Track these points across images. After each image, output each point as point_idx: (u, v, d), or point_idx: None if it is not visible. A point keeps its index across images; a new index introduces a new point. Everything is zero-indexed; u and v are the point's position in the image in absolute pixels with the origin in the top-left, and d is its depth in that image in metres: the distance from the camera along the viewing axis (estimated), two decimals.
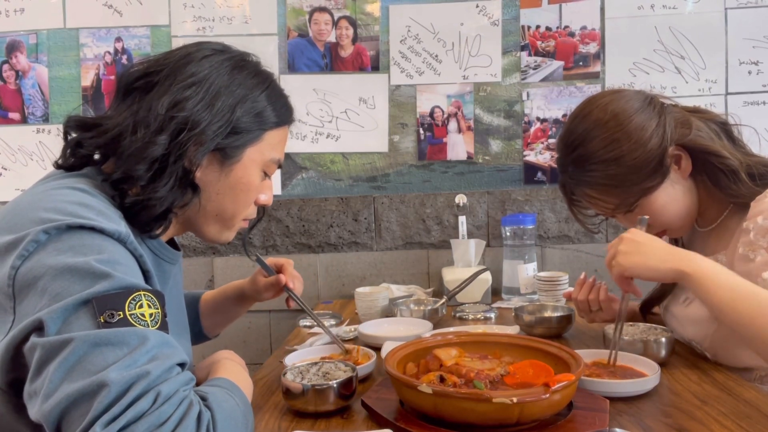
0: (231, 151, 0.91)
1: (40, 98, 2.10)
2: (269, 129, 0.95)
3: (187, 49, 0.92)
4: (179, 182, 0.86)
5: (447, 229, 2.05)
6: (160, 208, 0.85)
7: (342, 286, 2.04)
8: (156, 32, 2.07)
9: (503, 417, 0.80)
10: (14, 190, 2.10)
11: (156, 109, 0.84)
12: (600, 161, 1.11)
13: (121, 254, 0.75)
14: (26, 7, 2.09)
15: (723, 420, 0.87)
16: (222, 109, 0.88)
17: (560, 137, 1.20)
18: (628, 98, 1.14)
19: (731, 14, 1.98)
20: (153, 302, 0.73)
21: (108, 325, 0.68)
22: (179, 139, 0.84)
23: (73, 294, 0.68)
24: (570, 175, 1.17)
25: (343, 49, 2.06)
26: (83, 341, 0.66)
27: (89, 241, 0.73)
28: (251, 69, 0.95)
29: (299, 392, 0.93)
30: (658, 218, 1.14)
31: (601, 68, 2.02)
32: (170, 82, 0.87)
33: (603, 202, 1.15)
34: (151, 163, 0.84)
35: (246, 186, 0.95)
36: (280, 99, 0.98)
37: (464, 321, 1.58)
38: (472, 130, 2.05)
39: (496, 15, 2.03)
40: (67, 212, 0.74)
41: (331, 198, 2.07)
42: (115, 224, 0.77)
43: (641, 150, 1.09)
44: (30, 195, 0.82)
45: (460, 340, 1.06)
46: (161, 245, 0.95)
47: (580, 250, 2.04)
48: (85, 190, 0.81)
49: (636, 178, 1.10)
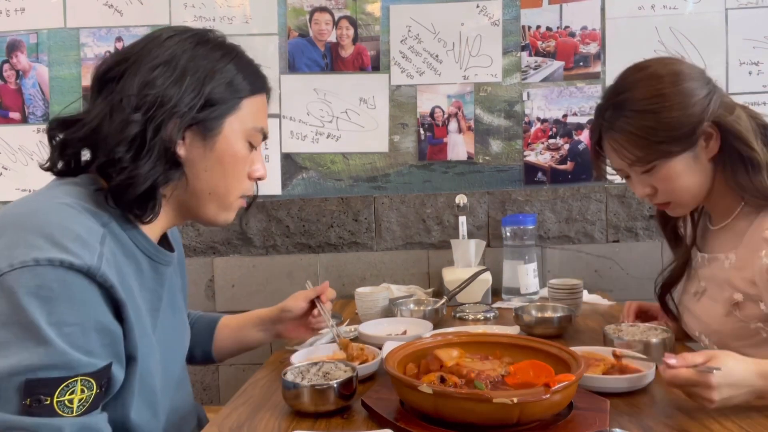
0: (210, 123, 0.92)
1: (41, 98, 2.10)
2: (244, 97, 0.96)
3: (151, 35, 0.94)
4: (161, 159, 0.87)
5: (447, 230, 2.05)
6: (143, 184, 0.86)
7: (342, 286, 2.04)
8: None
9: (504, 417, 0.80)
10: (14, 189, 2.10)
11: (127, 92, 0.86)
12: (639, 110, 1.12)
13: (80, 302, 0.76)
14: (26, 7, 2.09)
15: (723, 420, 0.87)
16: (191, 83, 0.89)
17: (610, 85, 1.21)
18: (688, 65, 1.16)
19: (731, 14, 1.98)
20: (89, 385, 0.76)
21: (30, 411, 0.71)
22: (152, 115, 0.86)
23: (9, 356, 0.71)
24: (605, 118, 1.17)
25: (343, 49, 2.06)
26: (1, 425, 0.69)
27: (53, 283, 0.74)
28: (214, 43, 0.96)
29: (299, 392, 0.93)
30: (668, 185, 1.15)
31: (602, 68, 2.02)
32: (138, 67, 0.89)
33: (626, 152, 1.14)
34: (130, 143, 0.85)
35: (232, 157, 0.95)
36: (249, 67, 0.99)
37: (464, 321, 1.58)
38: (472, 130, 2.05)
39: (496, 15, 2.03)
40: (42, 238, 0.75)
41: (331, 198, 2.07)
42: (87, 253, 0.77)
43: (681, 112, 1.10)
44: (21, 204, 0.84)
45: (460, 340, 1.06)
46: (154, 248, 0.95)
47: (580, 251, 2.04)
48: (74, 204, 0.83)
49: (665, 136, 1.10)
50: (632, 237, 2.03)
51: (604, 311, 1.66)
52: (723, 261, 1.17)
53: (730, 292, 1.13)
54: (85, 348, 0.76)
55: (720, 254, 1.18)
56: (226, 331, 1.30)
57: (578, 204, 2.03)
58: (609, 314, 1.62)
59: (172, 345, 1.03)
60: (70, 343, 0.74)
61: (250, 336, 1.31)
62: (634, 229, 2.03)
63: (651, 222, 2.02)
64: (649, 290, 1.36)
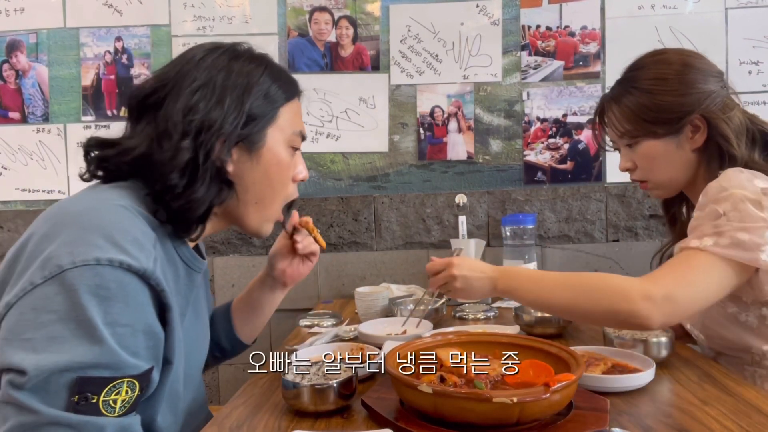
0: (254, 137, 0.94)
1: (40, 98, 2.10)
2: (281, 105, 0.98)
3: (185, 57, 0.95)
4: (213, 180, 0.90)
5: (447, 229, 2.05)
6: (201, 208, 0.89)
7: (342, 286, 2.04)
8: (156, 32, 2.07)
9: (503, 417, 0.80)
10: (14, 190, 2.11)
11: (173, 119, 0.88)
12: (640, 88, 1.18)
13: (134, 303, 0.78)
14: (26, 7, 2.09)
15: (723, 420, 0.87)
16: (232, 101, 0.91)
17: (629, 65, 1.26)
18: (705, 62, 1.22)
19: (731, 14, 1.98)
20: (133, 386, 0.77)
21: (77, 408, 0.72)
22: (202, 141, 0.88)
23: (63, 352, 0.72)
24: (612, 90, 1.25)
25: (343, 48, 2.06)
26: (48, 418, 0.71)
27: (111, 283, 0.76)
28: (246, 56, 0.97)
29: (299, 392, 0.93)
30: (646, 163, 1.21)
31: (602, 68, 2.02)
32: (177, 92, 0.90)
33: (618, 124, 1.21)
34: (183, 169, 0.87)
35: (278, 166, 0.98)
36: (281, 75, 1.01)
37: (464, 321, 1.58)
38: (472, 129, 2.05)
39: (496, 15, 2.03)
40: (103, 238, 0.77)
41: (331, 198, 2.07)
42: (144, 256, 0.79)
43: (674, 99, 1.15)
44: (78, 202, 0.85)
45: (460, 339, 1.06)
46: (192, 255, 0.98)
47: (580, 250, 2.04)
48: (129, 207, 0.84)
49: (653, 117, 1.16)
50: (632, 237, 2.03)
51: None
52: None
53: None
54: (132, 349, 0.77)
55: None
56: (239, 308, 1.31)
57: (578, 203, 2.03)
58: None
59: (194, 349, 1.04)
60: (121, 344, 0.76)
61: (261, 300, 1.30)
62: (634, 229, 2.03)
63: (651, 222, 2.02)
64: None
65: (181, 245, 0.95)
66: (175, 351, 0.87)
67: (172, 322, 0.85)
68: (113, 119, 2.09)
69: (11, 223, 2.10)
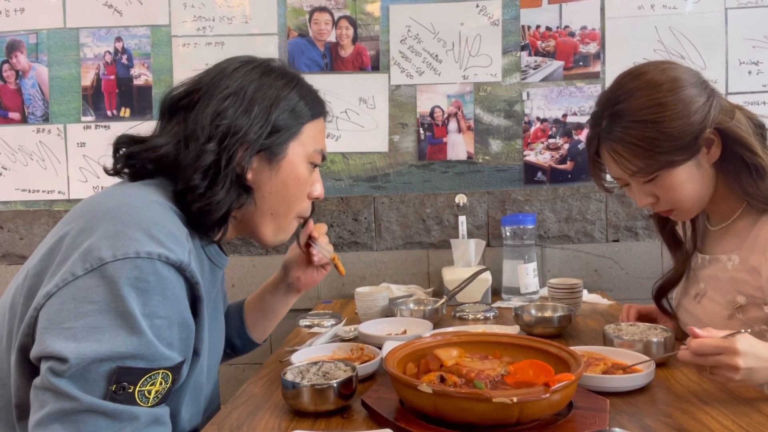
0: (275, 148, 0.98)
1: (40, 98, 2.10)
2: (306, 122, 1.02)
3: (220, 66, 1.00)
4: (233, 185, 0.93)
5: (447, 229, 2.05)
6: (219, 211, 0.92)
7: (342, 286, 2.04)
8: (156, 32, 2.07)
9: (503, 417, 0.80)
10: (14, 190, 2.10)
11: (201, 123, 0.92)
12: (639, 120, 1.09)
13: (171, 296, 0.80)
14: (26, 7, 2.09)
15: (723, 420, 0.87)
16: (259, 112, 0.95)
17: (605, 92, 1.19)
18: (685, 70, 1.13)
19: (731, 14, 1.98)
20: (167, 378, 0.80)
21: (114, 397, 0.75)
22: (226, 145, 0.92)
23: (103, 341, 0.74)
24: (603, 129, 1.15)
25: (343, 48, 2.06)
26: (86, 405, 0.73)
27: (150, 276, 0.78)
28: (278, 72, 1.02)
29: (299, 392, 0.93)
30: (671, 194, 1.13)
31: (602, 68, 2.02)
32: (209, 97, 0.95)
33: (627, 162, 1.12)
34: (205, 171, 0.91)
35: (296, 180, 1.01)
36: (310, 94, 1.04)
37: (464, 321, 1.58)
38: (472, 130, 2.05)
39: (496, 15, 2.03)
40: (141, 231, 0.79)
41: (331, 198, 2.07)
42: (180, 249, 0.82)
43: (683, 121, 1.08)
44: (111, 198, 0.87)
45: (460, 340, 1.06)
46: (217, 252, 1.02)
47: (580, 250, 2.04)
48: (161, 203, 0.88)
49: (667, 146, 1.08)
50: (632, 236, 2.03)
51: (603, 311, 1.66)
52: (725, 262, 1.17)
53: (733, 294, 1.13)
54: (168, 341, 0.80)
55: (722, 255, 1.18)
56: (251, 308, 1.33)
57: (578, 203, 2.03)
58: (609, 314, 1.62)
59: (213, 344, 1.07)
60: (157, 336, 0.78)
61: (274, 304, 1.32)
62: (634, 229, 2.03)
63: (651, 222, 2.02)
64: (648, 290, 1.36)
65: (208, 243, 0.98)
66: (203, 343, 0.90)
67: (202, 314, 0.88)
68: (113, 119, 2.09)
69: (11, 223, 2.10)
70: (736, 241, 1.16)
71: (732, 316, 1.13)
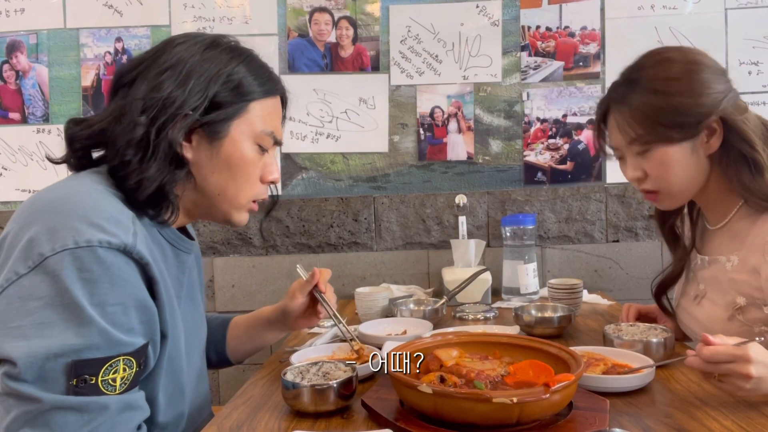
0: (216, 126, 0.93)
1: (41, 98, 2.10)
2: (253, 100, 0.96)
3: (165, 41, 0.96)
4: (166, 160, 0.89)
5: (447, 229, 2.05)
6: (151, 186, 0.88)
7: (342, 286, 2.04)
8: (156, 32, 2.07)
9: (503, 417, 0.80)
10: (14, 190, 2.11)
11: (135, 96, 0.89)
12: (650, 89, 1.11)
13: (120, 280, 0.79)
14: (26, 7, 2.09)
15: (723, 420, 0.87)
16: (196, 85, 0.91)
17: (626, 67, 1.20)
18: (710, 60, 1.16)
19: (731, 14, 1.98)
20: (130, 363, 0.79)
21: (77, 390, 0.74)
22: (156, 116, 0.88)
23: (54, 336, 0.73)
24: (615, 92, 1.17)
25: (343, 49, 2.06)
26: (50, 404, 0.73)
27: (93, 265, 0.76)
28: (224, 46, 0.97)
29: (299, 392, 0.93)
30: (660, 171, 1.13)
31: (602, 68, 2.02)
32: (148, 72, 0.91)
33: (627, 127, 1.13)
34: (137, 145, 0.87)
35: (239, 160, 0.96)
36: (261, 70, 0.99)
37: (464, 321, 1.58)
38: (472, 130, 2.05)
39: (496, 15, 2.03)
40: (78, 220, 0.78)
41: (331, 198, 2.07)
42: (122, 231, 0.80)
43: (692, 100, 1.09)
44: (51, 190, 0.86)
45: (460, 340, 1.06)
46: (177, 235, 0.98)
47: (580, 251, 2.04)
48: (102, 189, 0.86)
49: (669, 120, 1.09)
50: (632, 237, 2.03)
51: (603, 311, 1.66)
52: (724, 263, 1.16)
53: (733, 295, 1.13)
54: (126, 326, 0.79)
55: (720, 256, 1.18)
56: (237, 330, 1.30)
57: (578, 204, 2.04)
58: (609, 314, 1.62)
59: (192, 334, 1.05)
60: (113, 323, 0.77)
61: (262, 336, 1.30)
62: (634, 229, 2.03)
63: (651, 222, 2.02)
64: (648, 290, 1.36)
65: (163, 227, 0.94)
66: (169, 324, 0.88)
67: (161, 296, 0.86)
68: None
69: None
70: (735, 241, 1.16)
71: (732, 317, 1.12)
